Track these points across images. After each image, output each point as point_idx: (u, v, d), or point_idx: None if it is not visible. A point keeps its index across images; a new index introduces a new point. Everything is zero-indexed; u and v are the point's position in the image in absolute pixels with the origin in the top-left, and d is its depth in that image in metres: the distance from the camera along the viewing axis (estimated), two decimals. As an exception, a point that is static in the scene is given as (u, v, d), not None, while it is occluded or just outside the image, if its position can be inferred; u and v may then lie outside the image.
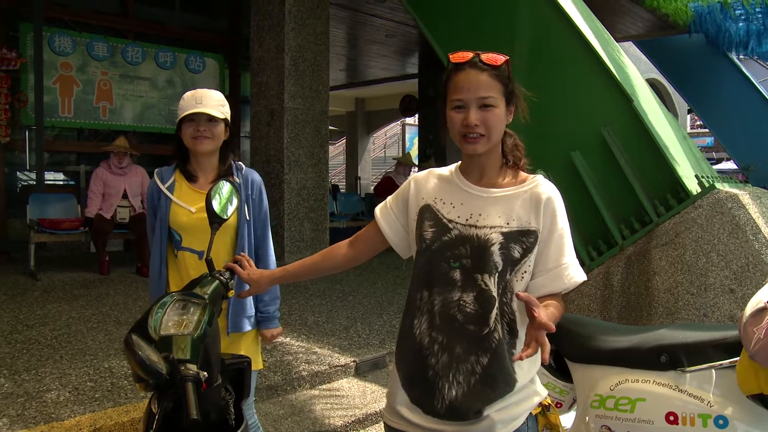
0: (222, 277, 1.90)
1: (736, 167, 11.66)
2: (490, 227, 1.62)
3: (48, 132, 8.34)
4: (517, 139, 1.73)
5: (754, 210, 4.14)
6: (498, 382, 1.60)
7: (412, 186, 1.79)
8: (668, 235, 4.28)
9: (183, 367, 1.49)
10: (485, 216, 1.63)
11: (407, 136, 25.43)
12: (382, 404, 3.95)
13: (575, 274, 1.63)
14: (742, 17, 10.44)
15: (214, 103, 2.44)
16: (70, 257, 8.00)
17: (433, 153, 13.44)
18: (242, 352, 2.48)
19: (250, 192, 2.54)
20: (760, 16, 10.33)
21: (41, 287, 6.25)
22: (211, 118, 2.42)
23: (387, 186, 10.40)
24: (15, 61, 7.60)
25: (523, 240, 1.61)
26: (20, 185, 8.78)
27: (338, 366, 4.39)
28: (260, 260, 2.55)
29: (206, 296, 1.78)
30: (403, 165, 11.06)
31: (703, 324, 3.73)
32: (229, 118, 2.50)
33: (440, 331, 1.63)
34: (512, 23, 5.39)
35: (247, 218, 2.50)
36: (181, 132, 2.45)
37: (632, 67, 5.50)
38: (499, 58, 1.63)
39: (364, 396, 4.12)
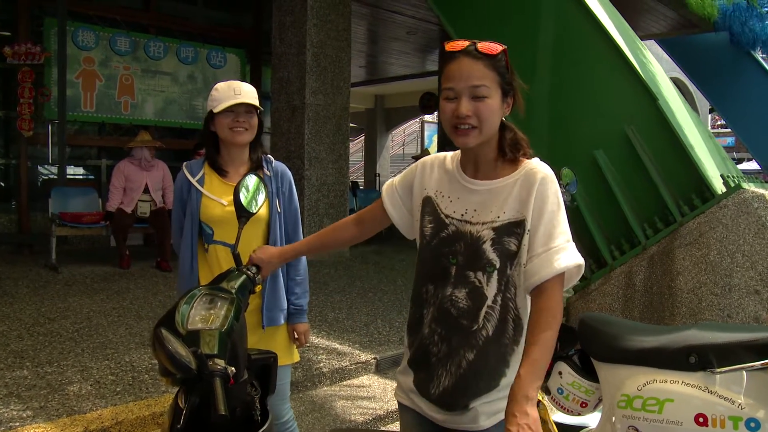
0: (249, 272, 1.89)
1: (759, 167, 11.49)
2: (482, 223, 1.60)
3: (70, 126, 8.40)
4: (517, 132, 1.65)
5: (781, 210, 4.08)
6: (482, 377, 1.61)
7: (418, 171, 1.77)
8: (692, 235, 4.23)
9: (211, 362, 1.48)
10: (479, 211, 1.61)
11: (426, 133, 25.37)
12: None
13: (565, 258, 1.50)
14: (768, 15, 10.30)
15: (252, 94, 2.43)
16: (91, 251, 8.06)
17: (452, 150, 13.38)
18: (278, 345, 2.49)
19: (280, 185, 2.52)
20: (785, 14, 10.18)
21: (63, 280, 6.30)
22: (249, 110, 2.41)
23: (406, 183, 10.35)
24: (39, 55, 7.67)
25: (516, 231, 1.56)
26: (42, 179, 8.87)
27: (359, 363, 4.38)
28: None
29: (233, 290, 1.78)
30: (422, 161, 11.00)
31: (732, 324, 3.67)
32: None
33: (439, 323, 1.65)
34: (536, 21, 5.34)
35: (279, 211, 2.49)
36: (215, 123, 2.42)
37: (657, 66, 5.44)
38: (495, 47, 1.55)
39: (384, 393, 4.11)
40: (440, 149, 13.99)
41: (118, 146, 8.36)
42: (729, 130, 17.88)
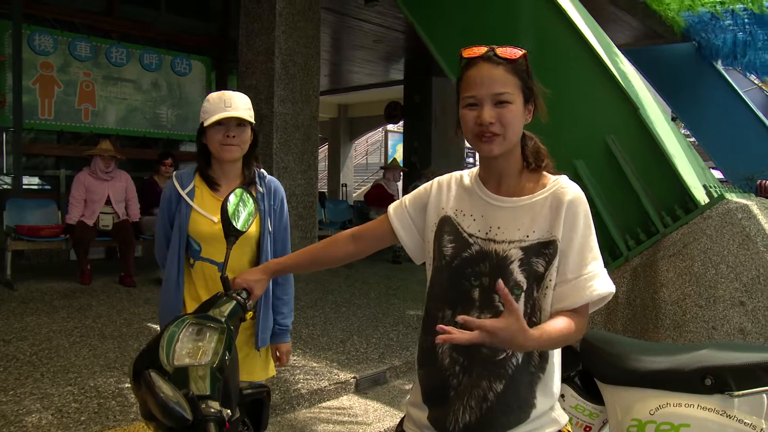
0: (239, 297, 1.70)
1: (722, 176, 11.71)
2: (509, 242, 1.49)
3: (26, 134, 8.07)
4: (538, 141, 1.59)
5: (764, 220, 4.05)
6: (513, 409, 1.49)
7: (433, 191, 1.66)
8: (676, 246, 4.18)
9: (203, 405, 1.31)
10: (504, 229, 1.51)
11: (390, 143, 25.34)
12: (386, 423, 3.78)
13: (599, 285, 1.44)
14: (731, 27, 10.47)
15: (243, 106, 2.27)
16: (50, 266, 7.71)
17: (417, 160, 13.32)
18: (257, 361, 2.39)
19: (272, 202, 2.38)
20: (747, 26, 10.37)
21: (19, 298, 5.97)
22: (241, 123, 2.26)
23: (378, 194, 10.25)
24: (-8, 60, 7.35)
25: (544, 252, 1.47)
26: (-4, 190, 8.49)
27: (338, 383, 4.20)
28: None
29: (223, 319, 1.60)
30: (392, 170, 10.88)
31: (749, 344, 3.60)
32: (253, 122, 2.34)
33: (460, 352, 1.52)
34: (514, 28, 5.28)
35: (270, 230, 2.35)
36: (206, 137, 2.28)
37: (636, 76, 5.41)
38: (516, 52, 1.49)
39: (366, 414, 3.94)
40: (405, 159, 13.92)
41: (78, 156, 8.04)
42: (691, 139, 18.23)
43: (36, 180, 8.96)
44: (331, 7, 9.71)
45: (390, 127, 22.66)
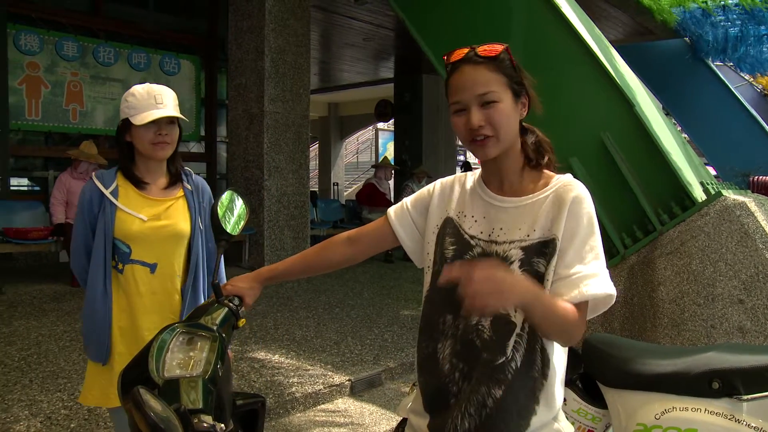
0: (232, 304, 1.63)
1: (714, 172, 11.71)
2: (510, 242, 1.44)
3: (13, 135, 7.97)
4: (539, 134, 1.55)
5: (762, 218, 4.02)
6: (512, 416, 1.43)
7: (436, 192, 1.62)
8: (673, 244, 4.14)
9: (196, 420, 1.24)
10: (506, 230, 1.46)
11: (380, 141, 25.30)
12: (382, 426, 3.72)
13: (595, 284, 1.35)
14: (722, 23, 10.46)
15: (173, 102, 2.22)
16: (39, 268, 7.61)
17: (408, 158, 13.27)
18: None
19: (201, 200, 2.34)
20: (738, 22, 10.36)
21: (7, 301, 5.88)
22: (171, 119, 2.20)
23: (369, 193, 10.19)
24: (-23, 60, 7.23)
25: (544, 252, 1.41)
26: (-18, 192, 8.36)
27: (333, 385, 4.14)
28: (210, 273, 2.31)
29: (215, 327, 1.53)
30: (383, 168, 10.82)
31: (756, 346, 3.55)
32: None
33: (461, 358, 1.46)
34: (508, 24, 5.21)
35: (201, 228, 2.30)
36: (131, 133, 2.21)
37: (630, 72, 5.36)
38: (495, 48, 1.44)
39: (362, 417, 3.88)
40: (396, 157, 13.87)
41: (66, 157, 7.94)
42: (683, 135, 18.27)
43: (24, 181, 8.85)
44: (320, 5, 9.65)
45: (380, 125, 22.63)
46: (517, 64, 1.47)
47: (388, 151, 22.53)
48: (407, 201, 1.67)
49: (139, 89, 2.21)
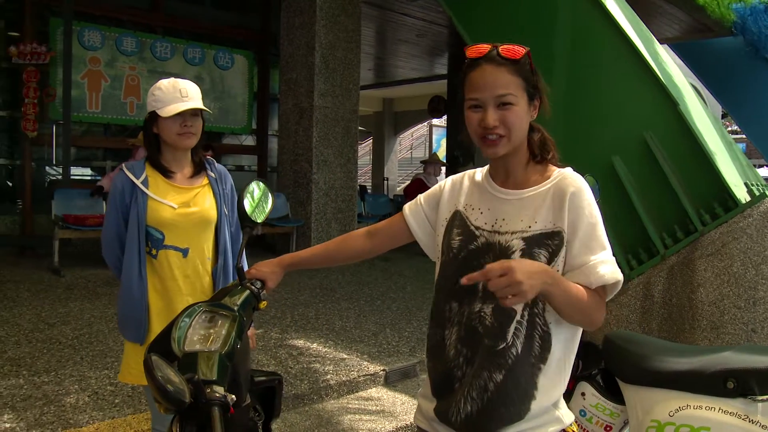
0: (254, 287, 1.74)
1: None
2: (512, 232, 1.50)
3: (75, 127, 8.29)
4: (544, 133, 1.60)
5: (808, 220, 3.92)
6: (512, 400, 1.48)
7: (447, 188, 1.69)
8: (714, 245, 4.07)
9: (209, 390, 1.34)
10: (508, 220, 1.52)
11: (434, 137, 25.25)
12: (412, 416, 3.79)
13: (606, 271, 1.42)
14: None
15: (197, 95, 2.34)
16: (94, 253, 7.91)
17: (461, 155, 13.25)
18: None
19: (224, 186, 2.47)
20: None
21: (65, 284, 6.18)
22: (195, 112, 2.32)
23: (417, 188, 10.24)
24: (45, 55, 7.57)
25: (548, 243, 1.47)
26: (47, 180, 8.75)
27: (367, 375, 4.23)
28: (235, 256, 2.44)
29: (236, 307, 1.63)
30: (432, 164, 10.85)
31: None
32: None
33: (465, 344, 1.53)
34: (552, 21, 5.19)
35: (226, 213, 2.43)
36: (158, 125, 2.31)
37: (676, 70, 5.27)
38: (518, 50, 1.48)
39: (394, 406, 3.96)
40: (449, 153, 13.85)
41: (124, 148, 8.25)
42: (741, 136, 17.70)
43: (85, 171, 9.22)
44: (373, 2, 9.72)
45: (435, 121, 22.58)
46: (534, 68, 1.52)
47: (442, 147, 22.52)
48: (421, 197, 1.75)
49: (165, 83, 2.32)
